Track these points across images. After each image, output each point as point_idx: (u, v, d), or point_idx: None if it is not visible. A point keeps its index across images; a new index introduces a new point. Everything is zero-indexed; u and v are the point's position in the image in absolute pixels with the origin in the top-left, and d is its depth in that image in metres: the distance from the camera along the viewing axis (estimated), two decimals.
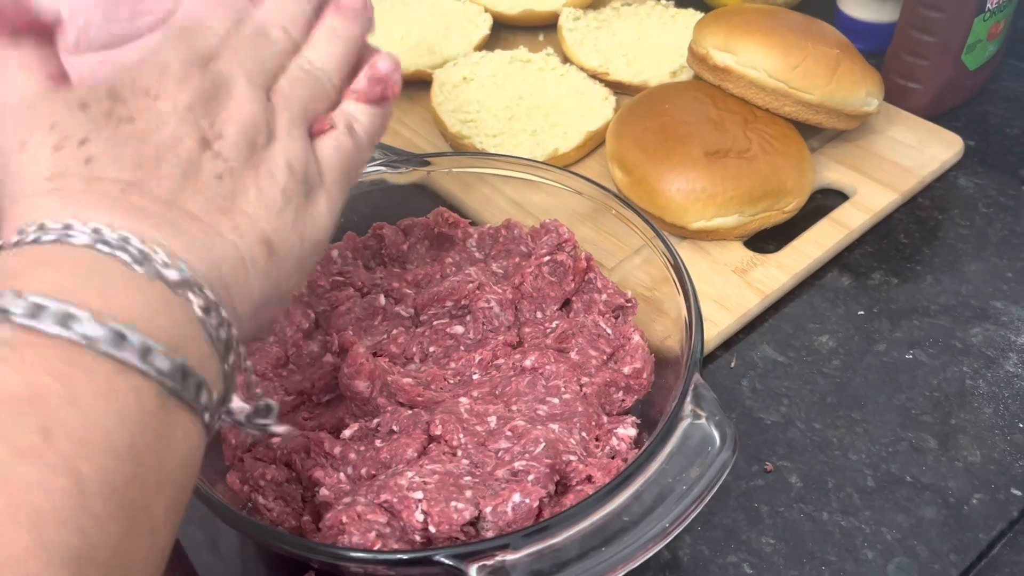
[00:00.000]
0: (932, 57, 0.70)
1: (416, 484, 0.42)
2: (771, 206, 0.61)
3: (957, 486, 0.49)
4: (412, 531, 0.40)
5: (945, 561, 0.46)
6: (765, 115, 0.64)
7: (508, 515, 0.40)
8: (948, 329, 0.58)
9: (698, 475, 0.38)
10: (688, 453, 0.39)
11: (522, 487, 0.41)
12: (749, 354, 0.57)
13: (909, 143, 0.69)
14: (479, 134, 0.69)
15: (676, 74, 0.74)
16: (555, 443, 0.44)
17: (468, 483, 0.42)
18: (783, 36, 0.64)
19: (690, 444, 0.39)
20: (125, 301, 0.27)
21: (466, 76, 0.74)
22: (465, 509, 0.40)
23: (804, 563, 0.46)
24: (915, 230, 0.65)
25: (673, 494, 0.37)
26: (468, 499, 0.41)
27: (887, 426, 0.52)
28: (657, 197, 0.61)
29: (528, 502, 0.40)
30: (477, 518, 0.41)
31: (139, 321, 0.27)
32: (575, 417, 0.46)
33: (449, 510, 0.40)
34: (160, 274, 0.28)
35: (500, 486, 0.42)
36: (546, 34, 0.83)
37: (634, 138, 0.64)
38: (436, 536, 0.40)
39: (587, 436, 0.45)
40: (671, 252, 0.49)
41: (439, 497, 0.41)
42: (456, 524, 0.40)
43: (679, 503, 0.37)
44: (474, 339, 0.51)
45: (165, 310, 0.28)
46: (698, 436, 0.39)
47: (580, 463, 0.44)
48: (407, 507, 0.41)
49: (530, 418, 0.46)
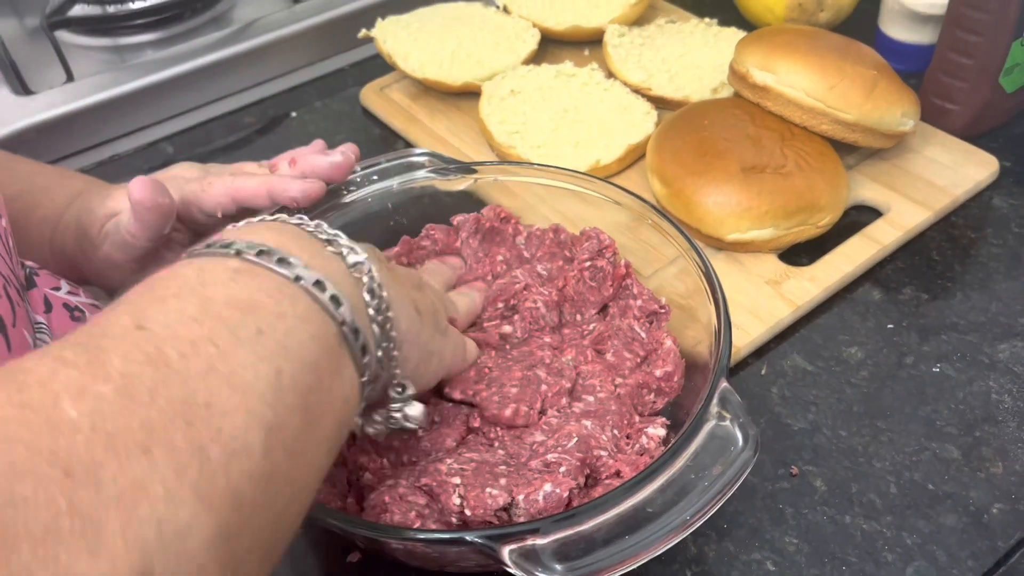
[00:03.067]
0: (970, 79, 0.71)
1: (455, 470, 0.45)
2: (805, 221, 0.63)
3: (978, 496, 0.51)
4: (449, 513, 0.43)
5: (963, 567, 0.48)
6: (802, 132, 0.66)
7: (539, 503, 0.43)
8: (976, 345, 0.59)
9: (720, 472, 0.40)
10: (712, 452, 0.41)
11: (554, 478, 0.44)
12: (779, 363, 0.59)
13: (944, 163, 0.70)
14: (524, 145, 0.72)
15: (717, 91, 0.77)
16: (587, 439, 0.46)
17: (503, 472, 0.45)
18: (822, 56, 0.66)
19: (714, 443, 0.41)
20: (322, 263, 0.36)
21: (513, 89, 0.77)
22: (499, 495, 0.43)
23: (825, 563, 0.48)
24: (947, 248, 0.66)
25: (696, 489, 0.39)
26: (502, 486, 0.43)
27: (911, 436, 0.54)
28: (694, 209, 0.63)
29: (559, 492, 0.43)
30: (510, 504, 0.43)
31: (332, 280, 0.35)
32: (608, 415, 0.48)
33: (484, 495, 0.43)
34: (343, 253, 0.37)
35: (533, 476, 0.44)
36: (591, 49, 0.86)
37: (673, 152, 0.66)
38: (471, 519, 0.43)
39: (618, 434, 0.48)
40: (704, 263, 0.51)
41: (475, 483, 0.44)
42: (490, 509, 0.43)
43: (700, 498, 0.39)
44: (520, 338, 0.53)
45: (347, 280, 0.37)
46: (722, 436, 0.41)
47: (610, 458, 0.46)
48: (445, 491, 0.43)
49: (565, 414, 0.49)
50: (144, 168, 0.79)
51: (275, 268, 0.33)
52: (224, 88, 0.86)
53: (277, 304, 0.32)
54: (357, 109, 0.84)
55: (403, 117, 0.80)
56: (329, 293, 0.34)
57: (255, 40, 0.86)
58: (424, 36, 0.83)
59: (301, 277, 0.34)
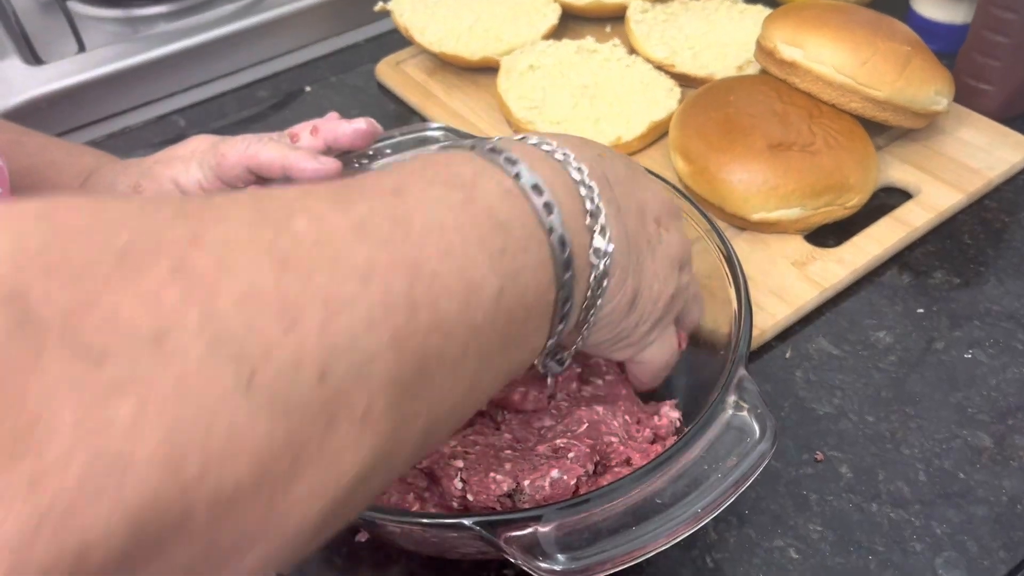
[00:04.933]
0: (1005, 58, 0.69)
1: (459, 452, 0.43)
2: (833, 201, 0.61)
3: (1011, 485, 0.49)
4: (451, 497, 0.42)
5: (995, 558, 0.46)
6: (831, 110, 0.64)
7: (546, 490, 0.41)
8: (1010, 331, 0.57)
9: (734, 464, 0.38)
10: (727, 443, 0.39)
11: (561, 464, 0.42)
12: (804, 346, 0.57)
13: (978, 144, 0.68)
14: (543, 120, 0.70)
15: (742, 68, 0.74)
16: (598, 424, 0.44)
17: (508, 456, 0.43)
18: (852, 31, 0.63)
19: (730, 434, 0.39)
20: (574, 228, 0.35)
21: (532, 64, 0.75)
22: (504, 481, 0.41)
23: (851, 551, 0.46)
24: (980, 231, 0.64)
25: (708, 481, 0.37)
26: (507, 471, 0.42)
27: (942, 423, 0.52)
28: (718, 187, 0.61)
29: (566, 478, 0.41)
30: (515, 490, 0.42)
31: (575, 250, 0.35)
32: (620, 400, 0.46)
33: (487, 480, 0.41)
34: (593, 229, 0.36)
35: (540, 461, 0.43)
36: (613, 25, 0.84)
37: (697, 128, 0.64)
38: (473, 504, 0.41)
39: (629, 419, 0.46)
40: (725, 245, 0.49)
41: (479, 467, 0.42)
42: (493, 494, 0.41)
43: (712, 490, 0.37)
44: None
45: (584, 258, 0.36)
46: (738, 427, 0.39)
47: (621, 444, 0.44)
48: (447, 474, 0.42)
49: (575, 398, 0.47)
50: (155, 141, 0.77)
51: (539, 209, 0.34)
52: (238, 61, 0.84)
53: (526, 238, 0.33)
54: (372, 84, 0.82)
55: (419, 92, 0.78)
56: (565, 258, 0.34)
57: (269, 13, 0.84)
58: (442, 10, 0.81)
59: (554, 230, 0.34)
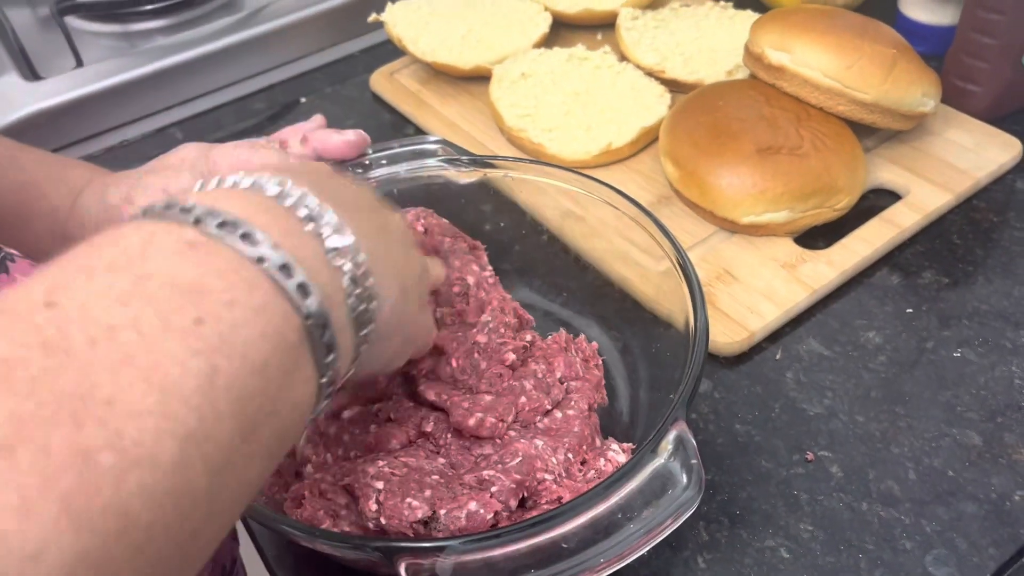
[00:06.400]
0: (991, 59, 0.70)
1: (384, 473, 0.42)
2: (822, 203, 0.62)
3: (1000, 482, 0.49)
4: (366, 519, 0.41)
5: (984, 555, 0.46)
6: (819, 113, 0.65)
7: (461, 521, 0.40)
8: (999, 330, 0.58)
9: (651, 515, 0.37)
10: (648, 492, 0.37)
11: (481, 497, 0.41)
12: (795, 347, 0.57)
13: (966, 145, 0.69)
14: (535, 128, 0.70)
15: (732, 74, 0.75)
16: (532, 460, 0.43)
17: (432, 483, 0.42)
18: (839, 35, 0.64)
19: (654, 483, 0.37)
20: (295, 244, 0.30)
21: (524, 72, 0.76)
22: (419, 507, 0.40)
23: (841, 551, 0.47)
24: (969, 231, 0.65)
25: (620, 530, 0.36)
26: (425, 498, 0.41)
27: (931, 422, 0.53)
28: (708, 191, 0.62)
29: (483, 512, 0.41)
30: (431, 519, 0.41)
31: (303, 265, 0.29)
32: (567, 436, 0.45)
33: (402, 506, 0.40)
34: (323, 234, 0.31)
35: (462, 491, 0.42)
36: (604, 33, 0.84)
37: (687, 133, 0.65)
38: (387, 528, 0.41)
39: (572, 457, 0.44)
40: (693, 280, 0.47)
41: (398, 491, 0.41)
42: (406, 520, 0.40)
43: (622, 539, 0.36)
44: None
45: (324, 267, 0.31)
46: (664, 475, 0.38)
47: (555, 483, 0.43)
48: (365, 494, 0.41)
49: (527, 427, 0.46)
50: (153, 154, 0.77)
51: (236, 245, 0.28)
52: (234, 74, 0.85)
53: (228, 289, 0.27)
54: (367, 95, 0.83)
55: (413, 102, 0.79)
56: (296, 280, 0.29)
57: (265, 26, 0.86)
58: (434, 20, 0.82)
59: (264, 258, 0.28)
